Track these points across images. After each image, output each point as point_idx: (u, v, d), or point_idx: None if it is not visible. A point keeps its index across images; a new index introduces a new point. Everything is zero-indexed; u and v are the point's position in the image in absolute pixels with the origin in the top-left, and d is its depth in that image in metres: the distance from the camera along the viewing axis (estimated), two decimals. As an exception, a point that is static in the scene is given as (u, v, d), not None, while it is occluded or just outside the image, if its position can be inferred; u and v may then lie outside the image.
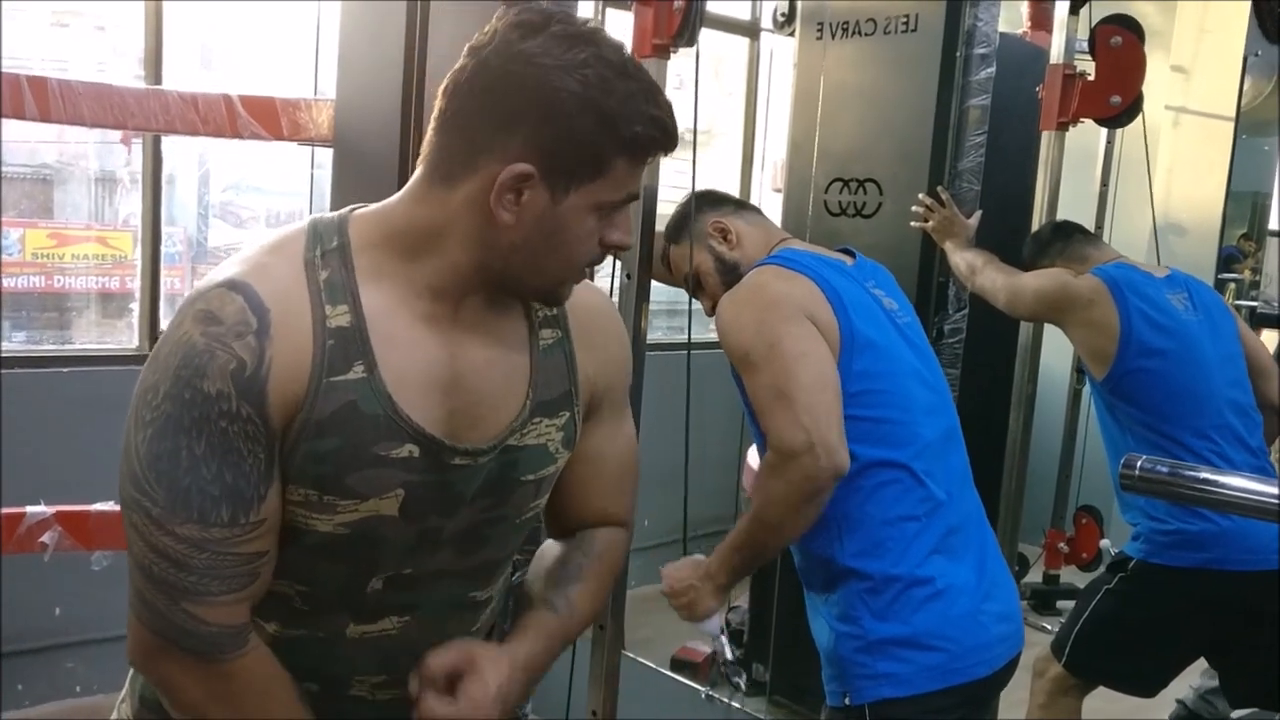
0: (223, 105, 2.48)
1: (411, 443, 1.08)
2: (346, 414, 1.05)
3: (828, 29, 3.20)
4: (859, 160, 3.13)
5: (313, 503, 1.07)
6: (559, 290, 1.15)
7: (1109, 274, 2.56)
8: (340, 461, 1.06)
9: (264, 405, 1.02)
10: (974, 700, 1.81)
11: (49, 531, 2.46)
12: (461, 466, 1.12)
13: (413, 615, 1.18)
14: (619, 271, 2.19)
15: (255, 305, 1.03)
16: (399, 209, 1.11)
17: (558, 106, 1.02)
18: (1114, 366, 2.51)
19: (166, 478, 1.02)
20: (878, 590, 1.75)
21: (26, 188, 4.06)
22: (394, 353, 1.07)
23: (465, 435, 1.12)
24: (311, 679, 1.17)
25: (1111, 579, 2.56)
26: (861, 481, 1.75)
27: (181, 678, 1.08)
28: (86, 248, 3.88)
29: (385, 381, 1.06)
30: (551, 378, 1.20)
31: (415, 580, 1.16)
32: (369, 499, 1.08)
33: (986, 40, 3.00)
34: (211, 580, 1.04)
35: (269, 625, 1.15)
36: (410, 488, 1.10)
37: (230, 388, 1.01)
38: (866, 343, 1.77)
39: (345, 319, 1.06)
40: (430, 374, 1.10)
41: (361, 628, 1.16)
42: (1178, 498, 1.25)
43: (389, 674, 1.19)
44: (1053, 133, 2.99)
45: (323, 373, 1.04)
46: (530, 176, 1.04)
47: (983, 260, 2.75)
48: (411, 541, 1.13)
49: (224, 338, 1.01)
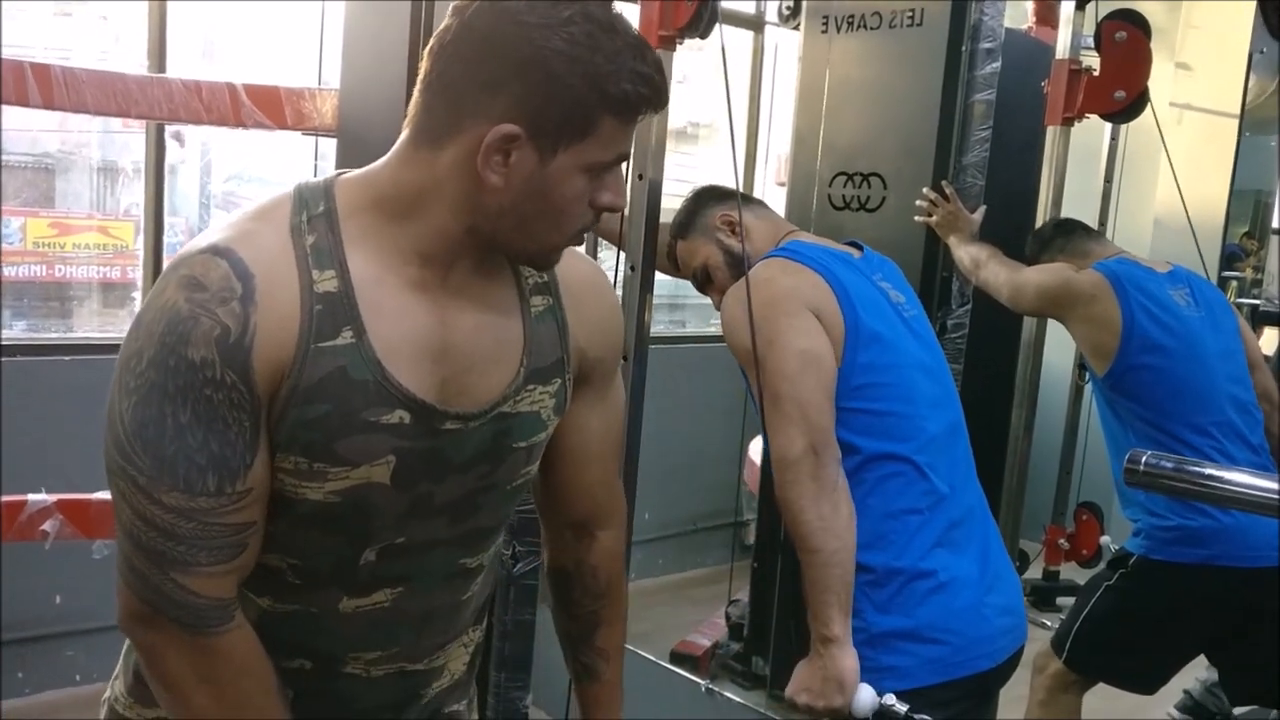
0: (227, 94, 2.47)
1: (402, 408, 1.07)
2: (335, 379, 1.03)
3: (833, 23, 3.20)
4: (863, 154, 3.12)
5: (303, 471, 1.06)
6: (550, 254, 1.13)
7: (1111, 269, 2.55)
8: (330, 428, 1.04)
9: (249, 372, 1.00)
10: (976, 693, 1.81)
11: (50, 520, 2.46)
12: (453, 431, 1.11)
13: (405, 586, 1.17)
14: (622, 263, 2.18)
15: (240, 271, 1.01)
16: (385, 173, 1.09)
17: (544, 66, 1.00)
18: (1115, 362, 2.51)
19: (152, 446, 1.01)
20: (880, 583, 1.75)
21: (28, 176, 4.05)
22: (383, 319, 1.06)
23: (456, 401, 1.11)
24: (305, 655, 1.17)
25: (1112, 575, 2.56)
26: (865, 474, 1.75)
27: (165, 648, 1.06)
28: (88, 237, 3.88)
29: (374, 347, 1.05)
30: (544, 345, 1.18)
31: (408, 550, 1.15)
32: (360, 466, 1.07)
33: (992, 35, 2.99)
34: (199, 550, 1.03)
35: (261, 600, 1.14)
36: (401, 454, 1.08)
37: (215, 354, 0.99)
38: (871, 336, 1.77)
39: (333, 284, 1.04)
40: (420, 340, 1.08)
41: (355, 601, 1.15)
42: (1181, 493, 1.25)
43: (383, 649, 1.19)
44: (1058, 128, 2.99)
45: (310, 338, 1.03)
46: (517, 138, 1.02)
47: (986, 254, 2.74)
48: (403, 510, 1.12)
49: (208, 304, 0.99)
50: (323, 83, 2.71)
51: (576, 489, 1.35)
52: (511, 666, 2.47)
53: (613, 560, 1.40)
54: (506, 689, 2.47)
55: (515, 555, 2.37)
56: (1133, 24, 2.92)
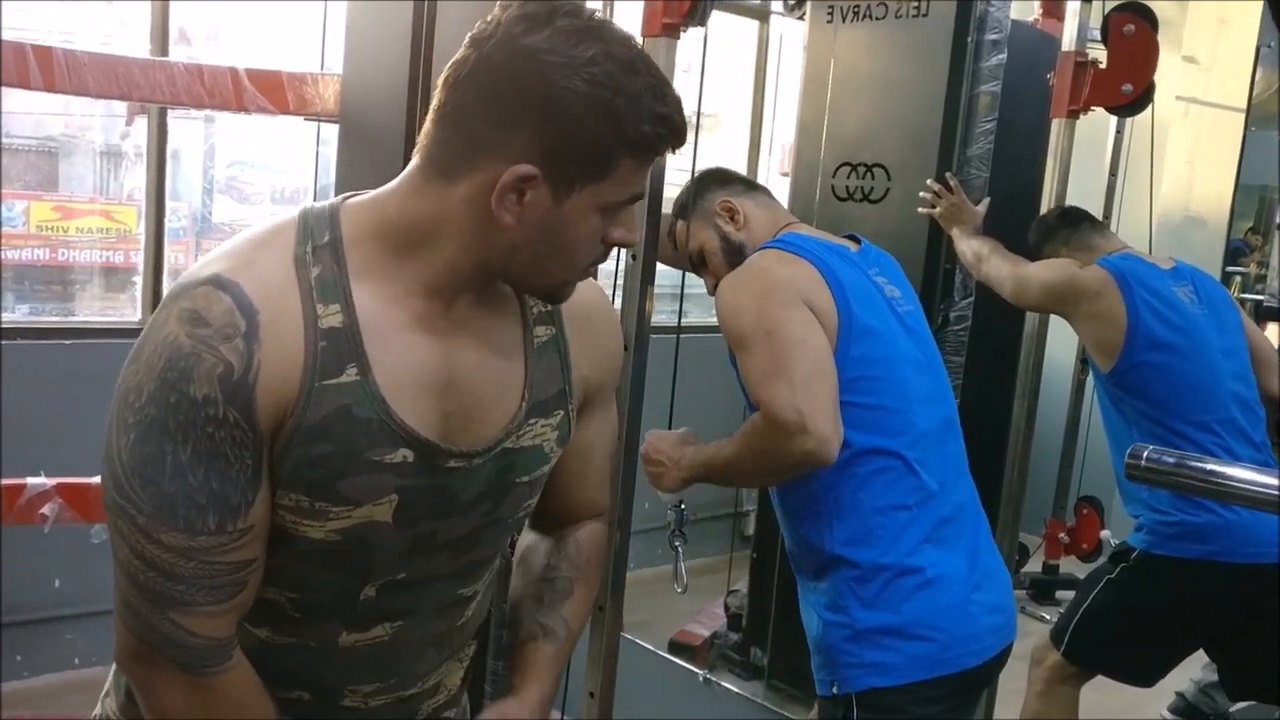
0: (229, 78, 2.46)
1: (405, 447, 1.05)
2: (339, 418, 1.02)
3: (838, 12, 3.18)
4: (867, 145, 3.11)
5: (304, 509, 1.04)
6: (561, 289, 1.12)
7: (1115, 266, 2.54)
8: (333, 467, 1.02)
9: (252, 410, 0.98)
10: (963, 690, 1.81)
11: (49, 503, 2.46)
12: (456, 470, 1.10)
13: (405, 620, 1.16)
14: (624, 252, 2.17)
15: (244, 306, 0.99)
16: (394, 201, 1.07)
17: (563, 106, 0.99)
18: (1120, 359, 2.51)
19: (151, 484, 0.98)
20: (866, 579, 1.75)
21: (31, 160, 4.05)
22: (387, 354, 1.04)
23: (459, 438, 1.10)
24: (303, 687, 1.16)
25: (1113, 569, 2.56)
26: (854, 469, 1.75)
27: (163, 686, 1.05)
28: (91, 221, 3.88)
29: (378, 384, 1.03)
30: (546, 377, 1.17)
31: (408, 585, 1.14)
32: (362, 505, 1.05)
33: (998, 26, 2.98)
34: (198, 590, 1.01)
35: (259, 631, 1.13)
36: (404, 493, 1.07)
37: (217, 393, 0.97)
38: (864, 329, 1.76)
39: (337, 319, 1.02)
40: (424, 376, 1.06)
41: (354, 636, 1.14)
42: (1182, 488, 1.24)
43: (381, 681, 1.18)
44: (1063, 121, 2.96)
45: (315, 376, 1.01)
46: (534, 178, 1.00)
47: (989, 248, 2.73)
48: (405, 547, 1.11)
49: (211, 340, 0.97)
50: (325, 68, 2.70)
51: (574, 502, 1.35)
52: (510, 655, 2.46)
53: (598, 540, 1.38)
54: (504, 677, 2.46)
55: (514, 544, 2.36)
56: (1141, 17, 2.89)
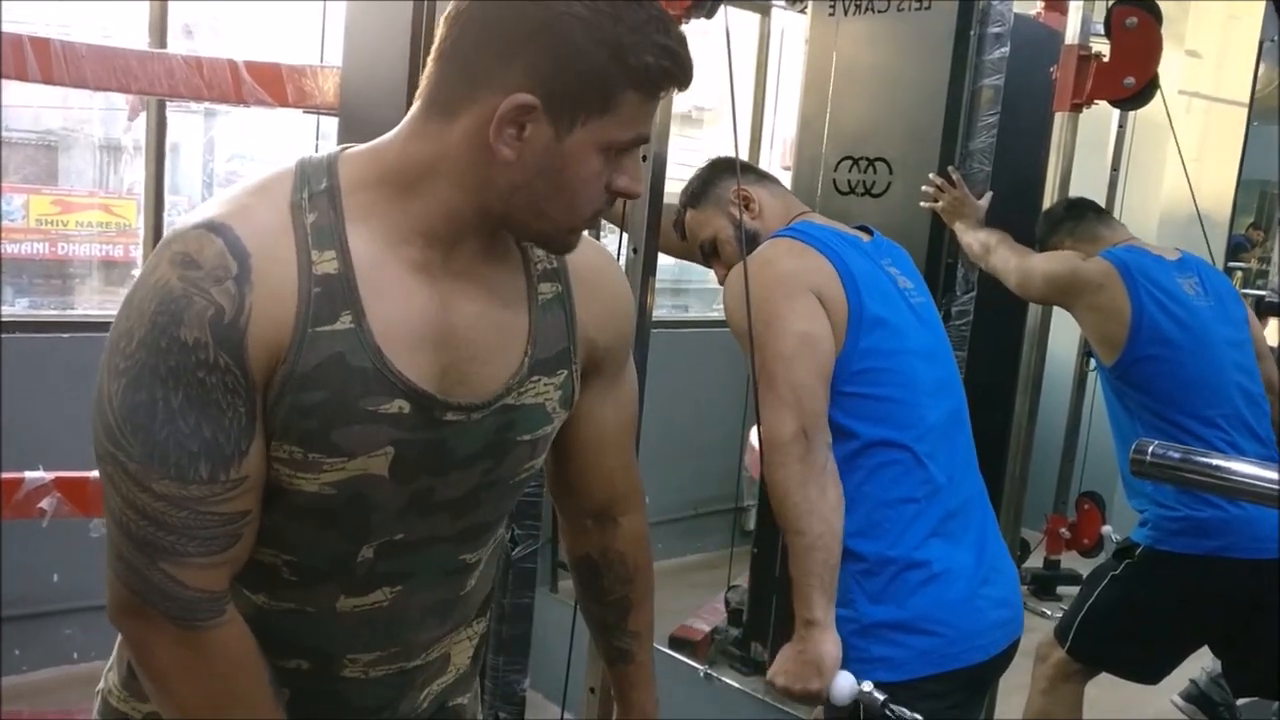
0: (228, 70, 2.45)
1: (402, 398, 1.02)
2: (333, 366, 0.99)
3: (840, 5, 3.16)
4: (869, 139, 3.09)
5: (298, 461, 1.01)
6: (563, 236, 1.08)
7: (1120, 258, 2.53)
8: (326, 416, 1.00)
9: (243, 355, 0.96)
10: (969, 686, 1.79)
11: (47, 497, 2.45)
12: (454, 423, 1.07)
13: (405, 584, 1.13)
14: (625, 245, 2.16)
15: (236, 249, 0.96)
16: (394, 146, 1.05)
17: (564, 34, 0.96)
18: (1124, 353, 2.49)
19: (142, 431, 0.96)
20: (873, 572, 1.73)
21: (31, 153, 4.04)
22: (383, 303, 1.01)
23: (457, 391, 1.06)
24: (302, 655, 1.13)
25: (1118, 565, 2.55)
26: (862, 460, 1.73)
27: (155, 640, 1.03)
28: (90, 215, 3.88)
29: (373, 332, 1.00)
30: (550, 335, 1.14)
31: (407, 547, 1.11)
32: (357, 457, 1.02)
33: (1001, 19, 2.95)
34: (190, 540, 0.99)
35: (256, 597, 1.11)
36: (400, 445, 1.04)
37: (208, 336, 0.95)
38: (875, 320, 1.75)
39: (332, 265, 1.00)
40: (421, 326, 1.04)
41: (352, 601, 1.11)
42: (1188, 483, 1.24)
43: (382, 650, 1.15)
44: (1066, 114, 2.95)
45: (307, 322, 0.98)
46: (533, 109, 0.97)
47: (996, 240, 2.72)
48: (402, 504, 1.08)
49: (202, 283, 0.95)
50: (325, 60, 2.69)
51: (595, 478, 1.32)
52: (510, 650, 2.46)
53: (639, 543, 1.37)
54: (505, 672, 2.46)
55: (514, 539, 2.36)
56: (1144, 10, 2.88)
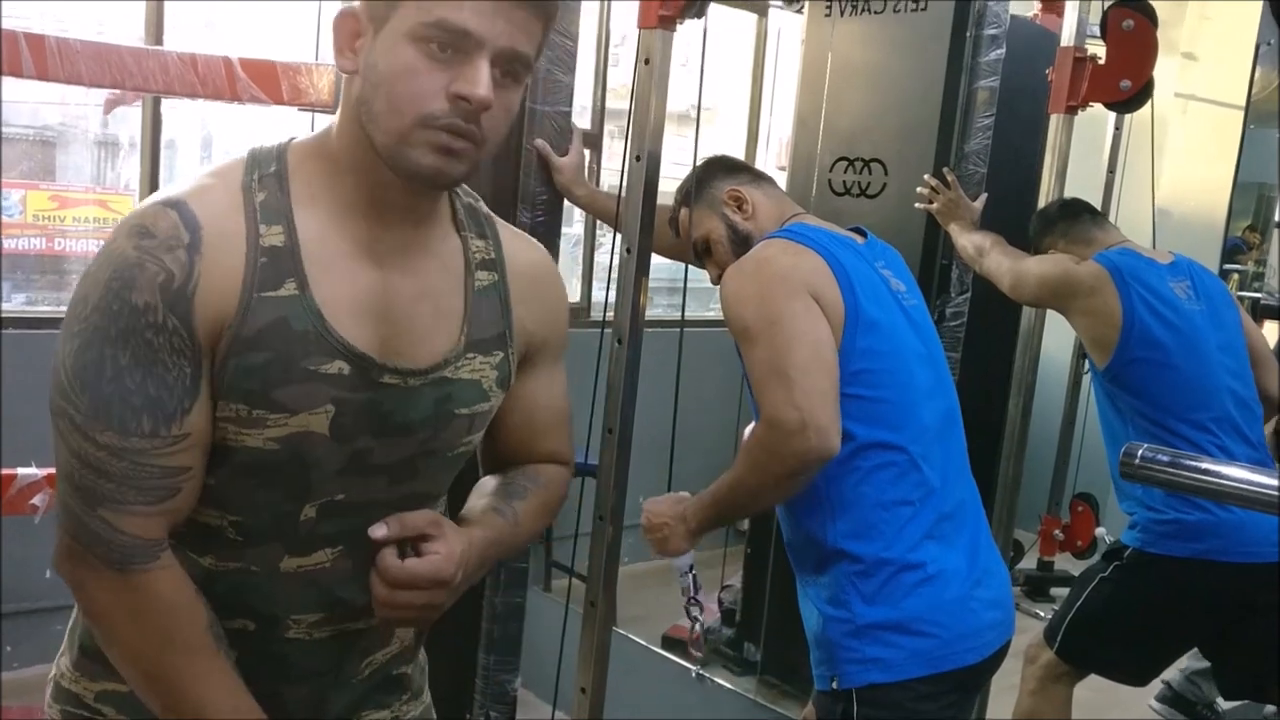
0: (223, 67, 2.44)
1: (341, 359, 1.09)
2: (276, 329, 1.06)
3: (836, 5, 3.17)
4: (865, 139, 3.10)
5: (243, 418, 1.07)
6: (404, 149, 1.06)
7: (1112, 261, 2.53)
8: (269, 376, 1.06)
9: (190, 319, 1.03)
10: (962, 687, 1.80)
11: (40, 494, 2.45)
12: (391, 387, 1.13)
13: (345, 545, 1.17)
14: (619, 245, 2.16)
15: (189, 221, 1.04)
16: (334, 128, 1.13)
17: None
18: (1115, 356, 2.49)
19: (91, 386, 1.03)
20: (868, 573, 1.74)
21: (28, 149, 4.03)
22: (327, 275, 1.09)
23: (395, 359, 1.13)
24: (247, 615, 1.17)
25: (1107, 567, 2.55)
26: (858, 462, 1.74)
27: (93, 584, 1.08)
28: (87, 210, 3.87)
29: (316, 299, 1.08)
30: (486, 318, 1.21)
31: (347, 508, 1.15)
32: (298, 413, 1.08)
33: (996, 20, 2.96)
34: (129, 489, 1.05)
35: (204, 559, 1.14)
36: (340, 404, 1.10)
37: (158, 299, 1.02)
38: (870, 322, 1.75)
39: (279, 239, 1.07)
40: (362, 301, 1.11)
41: (296, 560, 1.16)
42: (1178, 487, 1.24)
43: (325, 612, 1.19)
44: (1061, 116, 2.95)
45: (253, 289, 1.05)
46: (356, 17, 1.07)
47: (990, 242, 2.72)
48: (342, 464, 1.13)
49: (155, 250, 1.03)
50: (320, 58, 2.68)
51: (534, 453, 1.36)
52: (501, 649, 2.46)
53: (559, 476, 1.39)
54: (495, 672, 2.46)
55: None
56: (1140, 12, 2.87)
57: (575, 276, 4.57)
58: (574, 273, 4.57)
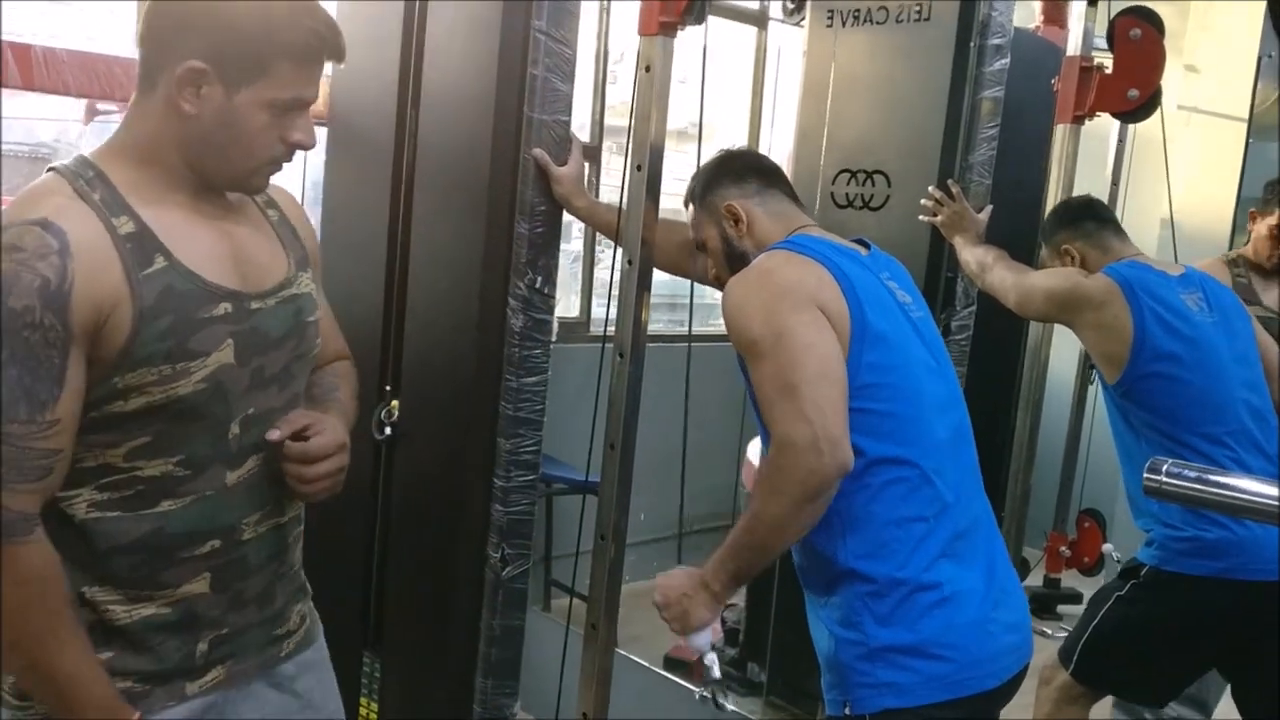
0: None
1: (224, 301, 1.35)
2: (167, 295, 1.29)
3: (838, 17, 3.13)
4: (868, 152, 3.05)
5: (169, 376, 1.30)
6: (250, 179, 1.40)
7: (1121, 274, 2.49)
8: (178, 332, 1.30)
9: (67, 313, 1.22)
10: (980, 713, 1.74)
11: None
12: (260, 310, 1.40)
13: (265, 450, 1.42)
14: (620, 258, 2.12)
15: (53, 230, 1.23)
16: (129, 132, 1.35)
17: (226, 14, 1.29)
18: (1127, 370, 2.45)
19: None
20: (881, 594, 1.68)
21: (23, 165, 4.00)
22: (181, 242, 1.33)
23: (254, 287, 1.40)
24: (213, 535, 1.40)
25: (1123, 586, 2.50)
26: (868, 479, 1.68)
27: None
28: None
29: (184, 263, 1.32)
30: (290, 243, 1.51)
31: (259, 420, 1.41)
32: (211, 353, 1.33)
33: (1001, 31, 2.92)
34: (10, 470, 1.22)
35: (161, 506, 1.35)
36: (235, 336, 1.36)
37: (35, 301, 1.20)
38: (878, 335, 1.70)
39: (131, 227, 1.29)
40: (215, 252, 1.37)
41: (235, 473, 1.40)
42: (1204, 504, 1.19)
43: (263, 509, 1.45)
44: (1067, 127, 2.92)
45: (134, 270, 1.27)
46: (205, 73, 1.28)
47: (993, 257, 2.68)
48: (247, 383, 1.39)
49: (28, 260, 1.20)
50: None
51: (323, 363, 1.63)
52: (499, 673, 2.40)
53: (351, 369, 1.70)
54: (494, 695, 2.40)
55: (505, 558, 2.30)
56: (1148, 22, 2.85)
57: (574, 292, 4.51)
58: (572, 288, 4.52)
